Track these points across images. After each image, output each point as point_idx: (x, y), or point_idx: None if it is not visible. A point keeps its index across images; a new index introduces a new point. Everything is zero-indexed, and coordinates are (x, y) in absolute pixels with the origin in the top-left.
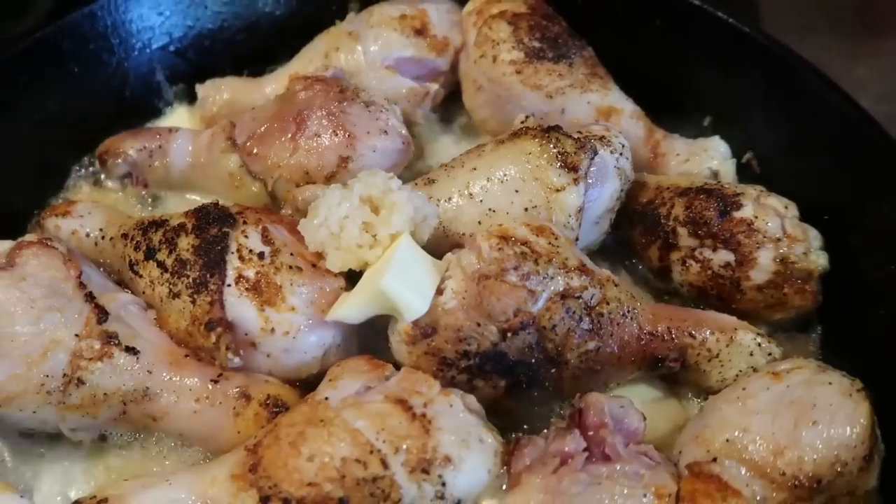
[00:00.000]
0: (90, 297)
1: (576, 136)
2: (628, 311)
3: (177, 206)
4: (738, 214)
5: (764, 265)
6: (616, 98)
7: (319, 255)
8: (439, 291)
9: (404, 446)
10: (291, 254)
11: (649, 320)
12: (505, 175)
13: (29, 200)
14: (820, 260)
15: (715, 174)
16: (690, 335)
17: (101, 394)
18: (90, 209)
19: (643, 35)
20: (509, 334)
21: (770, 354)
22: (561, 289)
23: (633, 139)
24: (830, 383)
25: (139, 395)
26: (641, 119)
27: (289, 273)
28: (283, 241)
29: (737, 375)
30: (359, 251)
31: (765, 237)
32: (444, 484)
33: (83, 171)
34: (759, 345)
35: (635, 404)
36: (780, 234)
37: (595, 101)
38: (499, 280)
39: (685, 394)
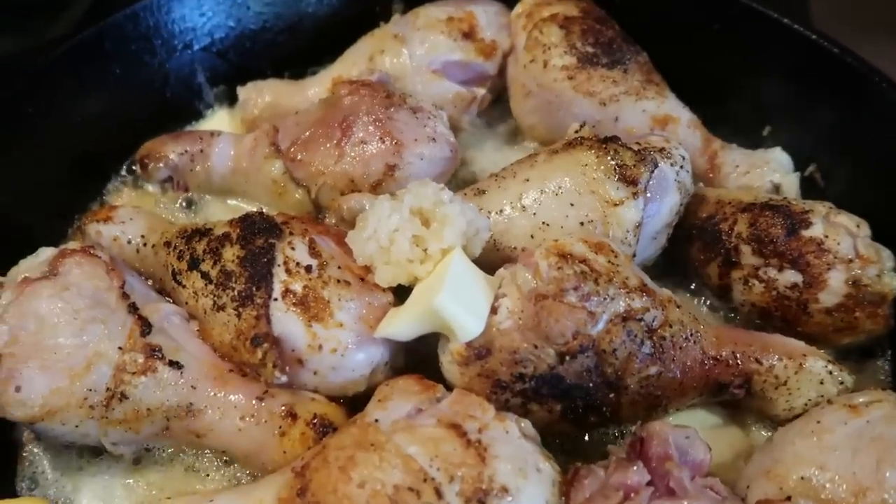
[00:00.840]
0: (133, 308)
1: (635, 147)
2: (691, 335)
3: (217, 211)
4: (807, 233)
5: (835, 287)
6: (672, 106)
7: (367, 269)
8: (493, 310)
9: (459, 474)
10: (339, 267)
11: (713, 344)
12: (560, 187)
13: (69, 204)
14: (894, 282)
15: (777, 188)
16: (757, 361)
17: (145, 409)
18: (132, 215)
19: (700, 40)
20: (567, 357)
21: (842, 383)
22: (622, 310)
23: (691, 149)
24: None
25: (183, 410)
26: (699, 128)
27: (337, 287)
28: (330, 254)
29: (805, 404)
30: (409, 266)
31: (836, 258)
32: None
33: (124, 174)
34: (831, 373)
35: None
36: (852, 255)
37: (651, 110)
38: (557, 300)
39: (747, 420)
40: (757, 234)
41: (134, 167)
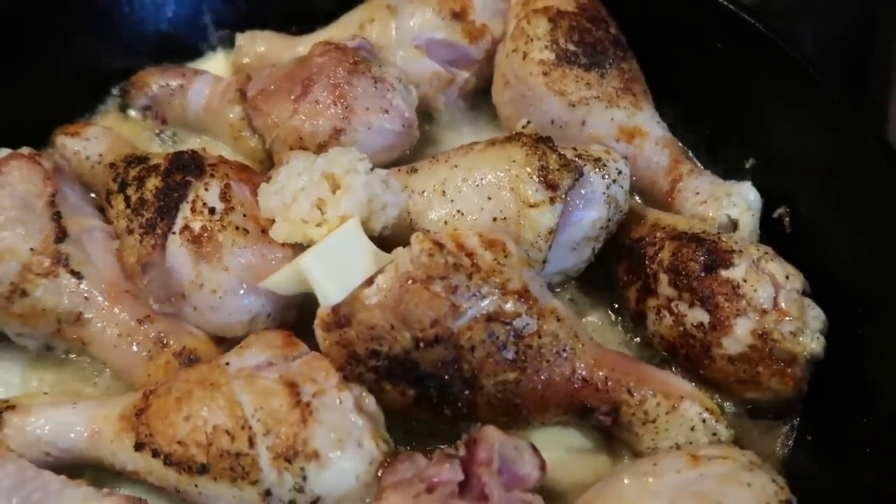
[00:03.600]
0: (57, 217)
1: (566, 152)
2: (564, 350)
3: (191, 147)
4: (725, 273)
5: (739, 335)
6: (645, 120)
7: (273, 223)
8: (368, 283)
9: (276, 430)
10: (244, 216)
11: (588, 365)
12: (482, 179)
13: (59, 116)
14: (812, 345)
15: (734, 224)
16: (629, 391)
17: (41, 308)
18: (98, 134)
19: (702, 58)
20: (422, 344)
21: (714, 434)
22: (490, 310)
23: (654, 168)
24: (750, 485)
25: (73, 316)
26: (669, 147)
27: (234, 233)
28: (240, 202)
29: (670, 447)
30: (304, 226)
31: (749, 305)
32: (304, 478)
33: (115, 99)
34: (704, 421)
35: (560, 450)
36: (768, 306)
37: (619, 119)
38: (423, 286)
39: (621, 452)
40: (676, 264)
41: (121, 92)
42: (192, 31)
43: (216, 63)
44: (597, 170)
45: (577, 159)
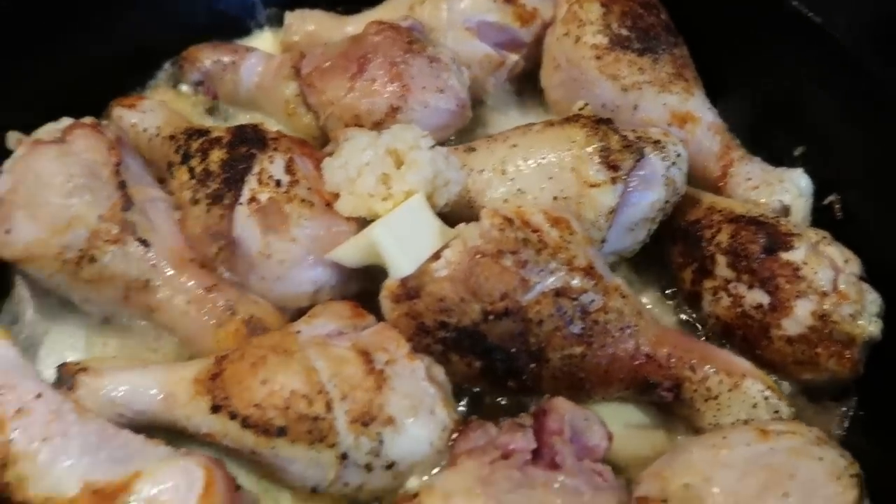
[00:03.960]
0: (122, 186)
1: (627, 134)
2: (628, 326)
3: (240, 122)
4: (785, 256)
5: (799, 316)
6: (697, 105)
7: (336, 197)
8: (435, 257)
9: (352, 395)
10: (309, 189)
11: (650, 342)
12: (543, 158)
13: (113, 88)
14: (870, 327)
15: (786, 209)
16: (692, 368)
17: (109, 274)
18: (153, 107)
19: (750, 45)
20: (491, 317)
21: (776, 412)
22: (558, 285)
23: (706, 153)
24: (821, 459)
25: (141, 283)
26: (720, 133)
27: (300, 206)
28: (304, 175)
29: (733, 424)
30: (370, 200)
31: (809, 287)
32: (381, 442)
33: (167, 73)
34: (766, 398)
35: (620, 425)
36: (828, 289)
37: (672, 104)
38: (493, 260)
39: (678, 427)
40: (735, 246)
41: (174, 66)
42: (242, 9)
43: (263, 41)
44: (656, 152)
45: (637, 141)
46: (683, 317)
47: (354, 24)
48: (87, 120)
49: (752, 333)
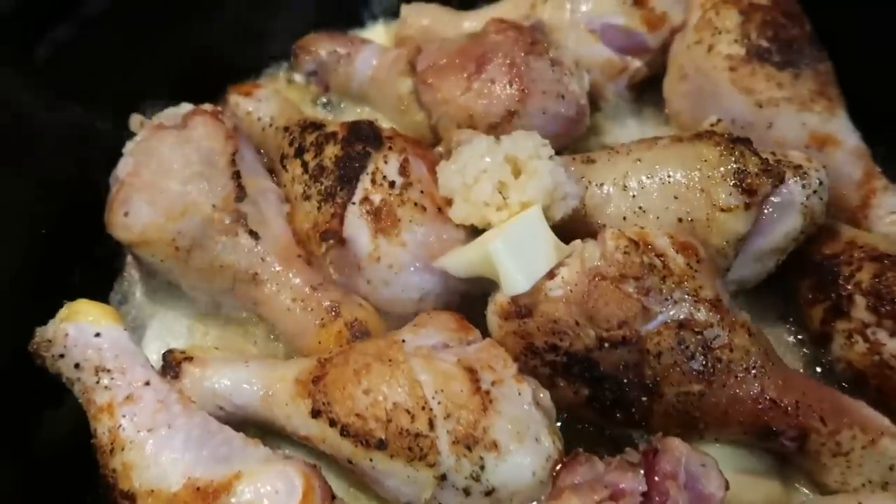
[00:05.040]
0: (236, 176)
1: (766, 156)
2: (754, 367)
3: (349, 116)
4: None
5: None
6: (839, 127)
7: (449, 202)
8: (550, 276)
9: (457, 415)
10: (422, 192)
11: (777, 385)
12: (669, 176)
13: (227, 75)
14: None
15: None
16: (821, 419)
17: (218, 265)
18: (269, 96)
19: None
20: (607, 344)
21: None
22: (681, 317)
23: (845, 180)
24: None
25: (248, 276)
26: (863, 159)
27: (412, 209)
28: (418, 177)
29: (863, 484)
30: (485, 209)
31: None
32: (482, 467)
33: (281, 62)
34: None
35: (732, 470)
36: None
37: (812, 125)
38: (614, 285)
39: (794, 477)
40: (878, 288)
41: (287, 55)
42: (356, 0)
43: (376, 33)
44: (796, 178)
45: (777, 164)
46: (804, 354)
47: (471, 21)
48: (207, 107)
49: (890, 385)
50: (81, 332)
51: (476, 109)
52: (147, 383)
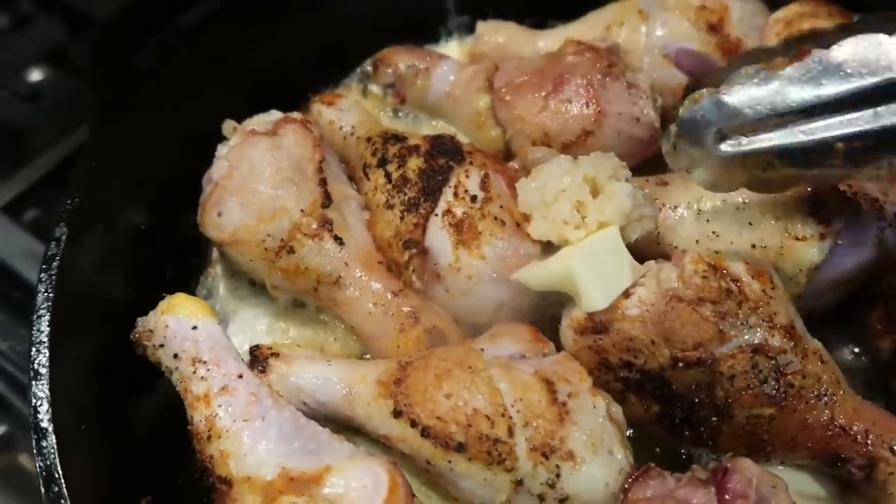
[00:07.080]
0: (323, 183)
1: (842, 188)
2: (825, 394)
3: (423, 129)
4: None
5: None
6: None
7: (526, 218)
8: (626, 294)
9: (535, 423)
10: (501, 207)
11: (847, 413)
12: (745, 202)
13: (309, 83)
14: None
15: None
16: (891, 450)
17: (304, 266)
18: (351, 106)
19: None
20: (680, 364)
21: None
22: (756, 342)
23: None
24: None
25: (332, 279)
26: None
27: (492, 223)
28: (498, 193)
29: None
30: (563, 227)
31: None
32: (558, 476)
33: (359, 72)
34: None
35: (795, 493)
36: None
37: None
38: (691, 307)
39: None
40: None
41: (368, 67)
42: (435, 14)
43: (450, 49)
44: (872, 210)
45: (853, 196)
46: (867, 381)
47: (546, 40)
48: (296, 115)
49: None
50: (180, 324)
51: (551, 128)
52: (240, 376)
